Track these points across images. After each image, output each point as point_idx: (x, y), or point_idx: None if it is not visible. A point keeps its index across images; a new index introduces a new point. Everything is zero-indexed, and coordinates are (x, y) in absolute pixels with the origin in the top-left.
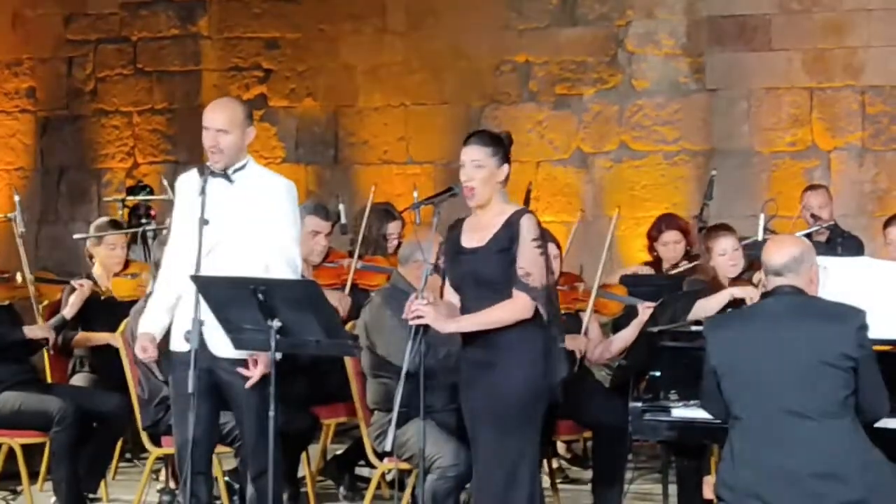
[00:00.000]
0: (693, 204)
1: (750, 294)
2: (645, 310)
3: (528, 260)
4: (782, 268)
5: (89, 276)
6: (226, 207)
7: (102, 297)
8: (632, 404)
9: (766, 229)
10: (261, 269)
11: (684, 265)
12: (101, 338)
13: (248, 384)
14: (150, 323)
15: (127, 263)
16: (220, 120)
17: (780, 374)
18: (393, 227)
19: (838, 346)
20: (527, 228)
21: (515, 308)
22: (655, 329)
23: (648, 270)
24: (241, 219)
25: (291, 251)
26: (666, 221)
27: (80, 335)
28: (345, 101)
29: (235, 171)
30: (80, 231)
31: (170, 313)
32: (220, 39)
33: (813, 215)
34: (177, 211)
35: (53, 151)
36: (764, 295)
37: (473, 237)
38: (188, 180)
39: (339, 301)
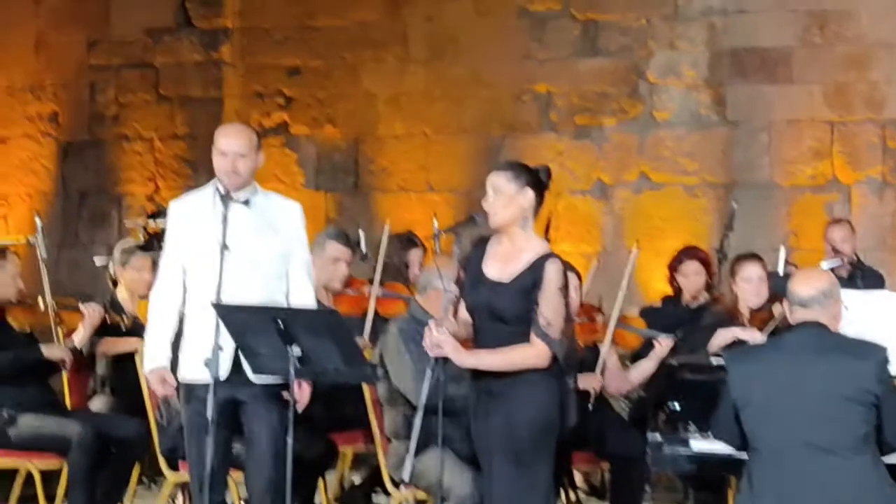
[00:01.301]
0: (713, 236)
1: (754, 337)
2: (663, 344)
3: (550, 309)
4: (810, 300)
5: (113, 300)
6: (246, 232)
7: (124, 328)
8: (650, 436)
9: (786, 262)
10: (283, 290)
11: (704, 297)
12: (127, 344)
13: (299, 406)
14: (159, 357)
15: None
16: (239, 144)
17: (801, 409)
18: (414, 255)
19: (860, 381)
20: (551, 276)
21: (533, 355)
22: (675, 362)
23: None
24: (264, 242)
25: (310, 266)
26: (687, 253)
27: (104, 344)
28: (365, 129)
29: (251, 195)
30: (101, 255)
31: (170, 344)
32: (243, 66)
33: (835, 249)
34: (175, 237)
35: (75, 176)
36: (786, 328)
37: (496, 266)
38: (187, 205)
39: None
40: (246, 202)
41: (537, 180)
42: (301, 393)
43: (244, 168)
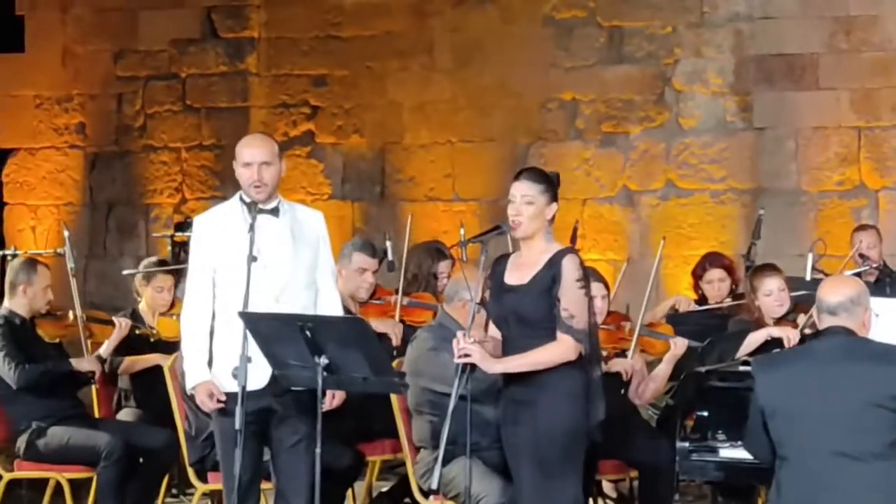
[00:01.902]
0: (740, 243)
1: (788, 334)
2: (679, 344)
3: (571, 301)
4: (837, 307)
5: (135, 312)
6: (276, 242)
7: (152, 339)
8: (679, 444)
9: (814, 269)
10: (313, 300)
11: (728, 303)
12: (148, 360)
13: (325, 408)
14: (202, 371)
15: (173, 303)
16: (263, 153)
17: (829, 416)
18: (443, 267)
19: (888, 387)
20: (569, 269)
21: (561, 350)
22: (703, 369)
23: (687, 302)
24: (295, 252)
25: (335, 274)
26: (710, 260)
27: (127, 361)
28: (391, 138)
29: (276, 205)
30: (129, 266)
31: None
32: (269, 76)
33: (862, 255)
34: (202, 252)
35: (102, 187)
36: (814, 335)
37: (517, 275)
38: (213, 219)
39: (392, 329)
40: (274, 211)
41: (556, 190)
42: (335, 399)
43: (269, 177)
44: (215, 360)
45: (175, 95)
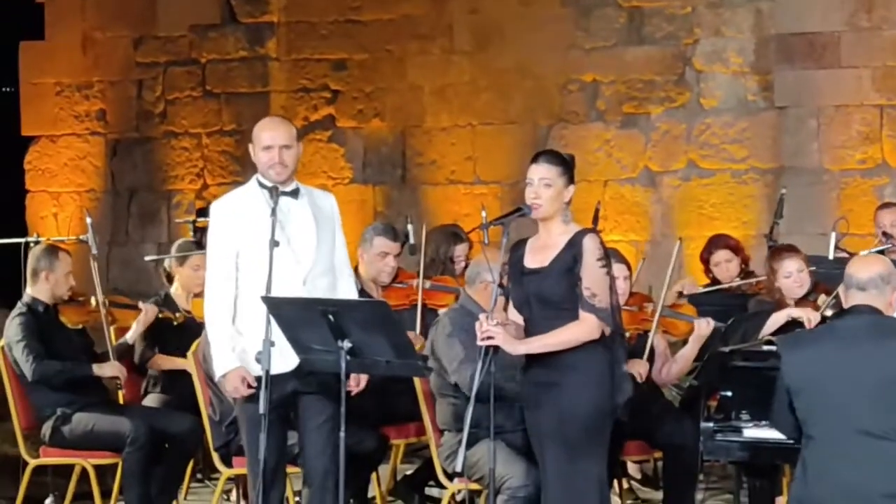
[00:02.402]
0: (762, 222)
1: (808, 315)
2: (703, 325)
3: (593, 280)
4: (867, 282)
5: (167, 297)
6: (298, 224)
7: (175, 323)
8: (703, 424)
9: (837, 248)
10: (333, 283)
11: (740, 282)
12: (175, 363)
13: (353, 393)
14: (231, 358)
15: None
16: (283, 136)
17: (855, 394)
18: (460, 250)
19: None
20: (590, 248)
21: (584, 329)
22: (727, 349)
23: (692, 286)
24: (317, 234)
25: (348, 256)
26: (714, 242)
27: (156, 358)
28: (412, 122)
29: (295, 188)
30: (150, 252)
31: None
32: (289, 61)
33: (885, 233)
34: (223, 237)
35: (123, 173)
36: (835, 315)
37: (536, 257)
38: (231, 204)
39: (414, 340)
40: (294, 193)
41: (573, 172)
42: (360, 382)
43: (290, 159)
44: (240, 345)
45: (195, 81)
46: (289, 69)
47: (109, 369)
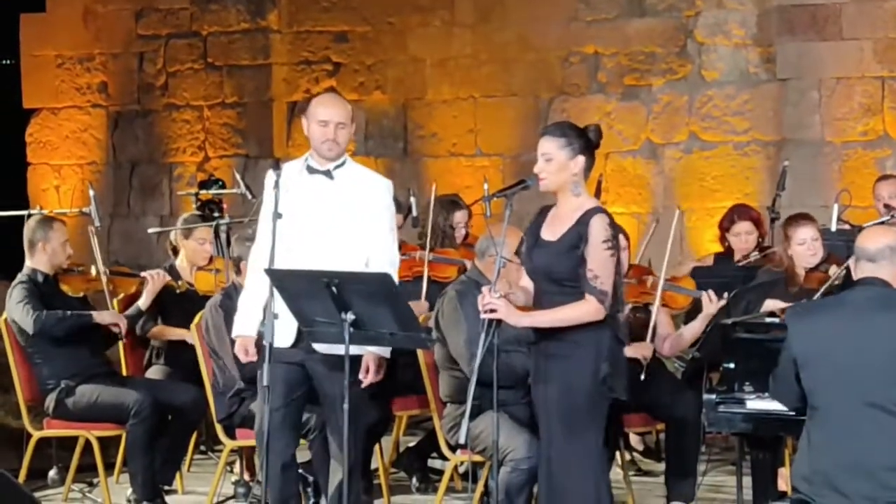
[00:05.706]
0: (764, 194)
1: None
2: (711, 301)
3: (597, 262)
4: (877, 254)
5: (171, 268)
6: (326, 203)
7: (178, 291)
8: (706, 396)
9: (839, 220)
10: (360, 265)
11: (755, 256)
12: (176, 333)
13: (365, 384)
14: (249, 325)
15: (211, 258)
16: (341, 114)
17: (862, 367)
18: (459, 217)
19: None
20: (597, 229)
21: (586, 310)
22: (729, 321)
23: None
24: (342, 215)
25: (392, 249)
26: (738, 212)
27: (157, 328)
28: (414, 94)
29: (336, 167)
30: (152, 225)
31: (261, 312)
32: (290, 33)
33: (886, 205)
34: (269, 205)
35: (125, 146)
36: (841, 287)
37: (551, 230)
38: (284, 173)
39: (419, 308)
40: (327, 173)
41: (588, 143)
42: (366, 376)
43: (343, 138)
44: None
45: (197, 53)
46: (290, 41)
47: (109, 316)
